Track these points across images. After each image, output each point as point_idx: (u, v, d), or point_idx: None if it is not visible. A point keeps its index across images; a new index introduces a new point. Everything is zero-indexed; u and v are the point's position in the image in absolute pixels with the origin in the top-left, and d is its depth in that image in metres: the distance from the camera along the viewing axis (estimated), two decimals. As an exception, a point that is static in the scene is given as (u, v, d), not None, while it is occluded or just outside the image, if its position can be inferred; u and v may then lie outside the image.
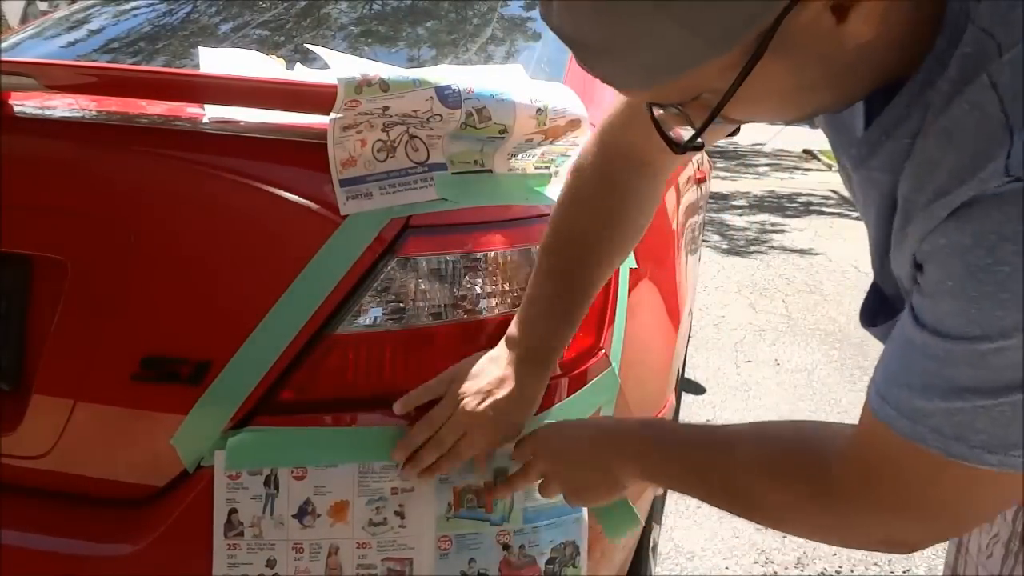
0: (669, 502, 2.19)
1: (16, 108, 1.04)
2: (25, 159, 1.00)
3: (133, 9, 1.77)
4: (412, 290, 0.97)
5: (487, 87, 0.97)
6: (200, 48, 1.28)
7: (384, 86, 0.88)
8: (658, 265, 1.45)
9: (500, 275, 1.00)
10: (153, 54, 1.54)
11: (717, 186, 7.37)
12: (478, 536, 0.96)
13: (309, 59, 1.34)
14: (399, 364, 0.96)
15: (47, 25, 1.78)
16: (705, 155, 3.44)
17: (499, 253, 1.00)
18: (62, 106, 1.07)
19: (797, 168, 10.08)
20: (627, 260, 1.16)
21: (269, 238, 0.96)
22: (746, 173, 9.45)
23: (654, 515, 1.74)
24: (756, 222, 6.66)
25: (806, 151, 10.97)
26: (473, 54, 1.50)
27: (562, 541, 0.99)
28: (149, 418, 0.96)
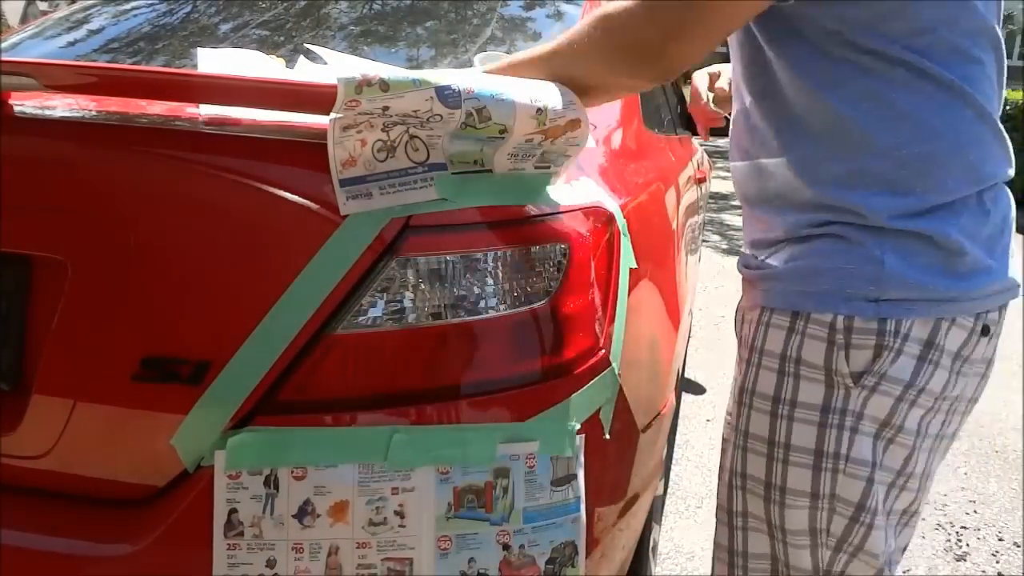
0: (669, 503, 2.18)
1: (16, 108, 1.04)
2: (25, 159, 1.00)
3: (133, 9, 1.77)
4: (412, 290, 0.97)
5: (487, 87, 0.97)
6: (199, 49, 1.28)
7: (384, 86, 0.88)
8: (658, 265, 1.45)
9: (500, 275, 1.00)
10: (153, 54, 1.54)
11: (717, 186, 7.36)
12: (478, 536, 0.96)
13: (309, 58, 1.34)
14: (399, 364, 0.97)
15: (47, 25, 1.78)
16: (705, 155, 3.45)
17: (499, 253, 1.00)
18: (62, 106, 1.07)
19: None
20: (628, 260, 1.16)
21: (269, 238, 0.96)
22: (746, 173, 9.42)
23: (654, 515, 1.74)
24: (756, 222, 6.63)
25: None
26: (473, 54, 1.50)
27: (562, 541, 0.99)
28: (149, 418, 0.96)
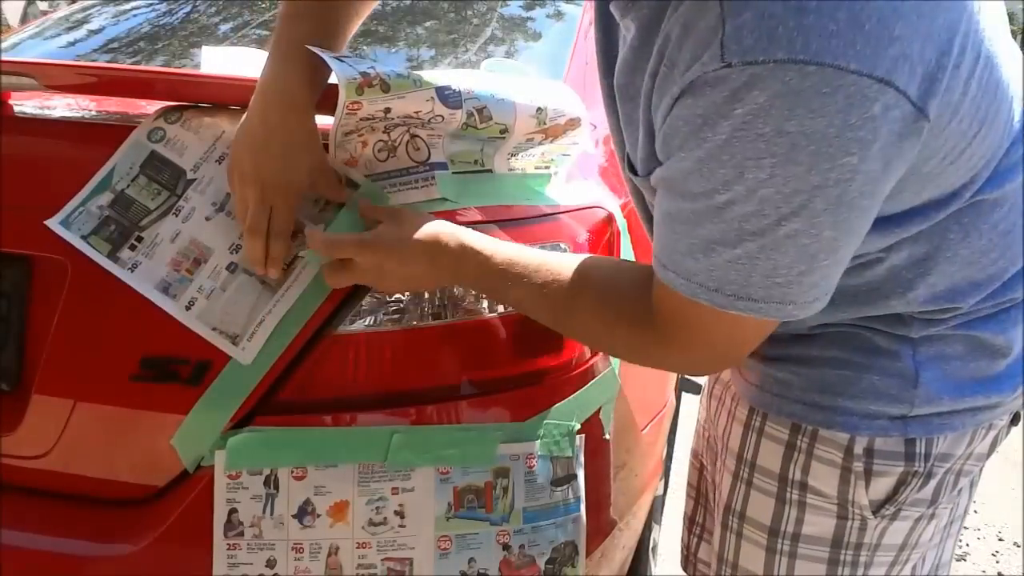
0: (669, 504, 2.18)
1: (16, 108, 1.04)
2: (25, 159, 1.00)
3: (133, 9, 1.77)
4: (412, 290, 0.97)
5: (487, 87, 0.97)
6: (203, 47, 1.28)
7: (385, 86, 0.88)
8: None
9: (500, 275, 1.00)
10: (153, 54, 1.54)
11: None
12: (478, 536, 0.96)
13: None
14: (399, 364, 0.96)
15: (47, 25, 1.78)
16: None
17: (499, 253, 1.00)
18: (62, 106, 1.07)
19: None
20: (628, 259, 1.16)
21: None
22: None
23: (654, 515, 1.74)
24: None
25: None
26: (473, 54, 1.50)
27: (562, 541, 0.99)
28: (149, 418, 0.96)
